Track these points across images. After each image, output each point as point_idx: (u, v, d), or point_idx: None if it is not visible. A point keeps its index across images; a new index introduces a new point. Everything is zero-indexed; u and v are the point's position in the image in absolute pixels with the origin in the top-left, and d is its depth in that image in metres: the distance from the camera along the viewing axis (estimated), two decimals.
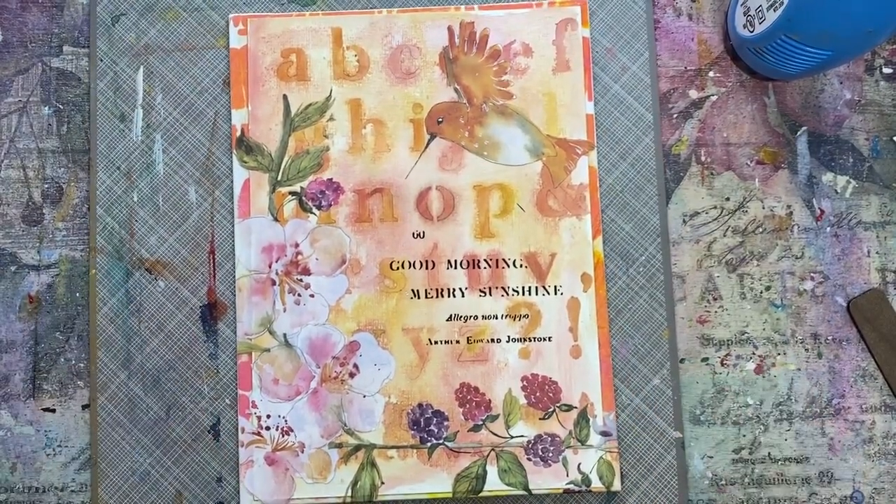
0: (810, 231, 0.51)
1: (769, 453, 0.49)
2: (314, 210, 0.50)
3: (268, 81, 0.51)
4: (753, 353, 0.50)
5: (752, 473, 0.49)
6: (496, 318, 0.49)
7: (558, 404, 0.49)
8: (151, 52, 0.52)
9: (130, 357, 0.50)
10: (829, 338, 0.50)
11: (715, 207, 0.51)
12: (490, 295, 0.49)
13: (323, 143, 0.50)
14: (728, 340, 0.50)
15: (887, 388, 0.50)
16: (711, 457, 0.50)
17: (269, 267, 0.49)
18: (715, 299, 0.51)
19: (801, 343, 0.50)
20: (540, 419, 0.49)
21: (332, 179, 0.50)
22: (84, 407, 0.50)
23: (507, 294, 0.49)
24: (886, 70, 0.52)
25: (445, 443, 0.48)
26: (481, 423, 0.49)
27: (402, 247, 0.50)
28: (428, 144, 0.50)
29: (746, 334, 0.50)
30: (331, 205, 0.50)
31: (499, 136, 0.50)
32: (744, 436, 0.50)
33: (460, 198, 0.50)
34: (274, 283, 0.49)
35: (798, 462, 0.49)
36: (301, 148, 0.50)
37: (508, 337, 0.49)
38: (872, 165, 0.52)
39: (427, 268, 0.50)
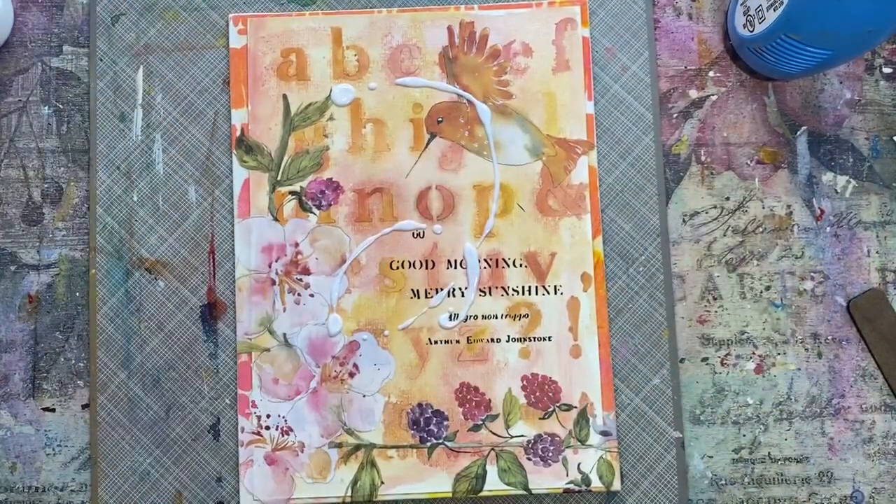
0: (810, 231, 0.51)
1: (769, 453, 0.49)
2: (314, 210, 0.50)
3: (267, 81, 0.51)
4: (753, 353, 0.50)
5: (752, 473, 0.49)
6: (496, 317, 0.49)
7: (558, 404, 0.49)
8: (151, 52, 0.52)
9: (130, 357, 0.50)
10: (829, 338, 0.50)
11: (715, 207, 0.51)
12: (490, 295, 0.49)
13: (323, 143, 0.50)
14: (728, 340, 0.50)
15: (887, 388, 0.50)
16: (711, 456, 0.50)
17: (269, 267, 0.49)
18: (715, 299, 0.51)
19: (801, 343, 0.50)
20: (540, 419, 0.49)
21: (332, 179, 0.50)
22: (84, 406, 0.50)
23: (507, 294, 0.49)
24: (886, 70, 0.52)
25: (445, 442, 0.48)
26: (481, 422, 0.49)
27: (402, 247, 0.50)
28: (428, 144, 0.50)
29: (746, 334, 0.50)
30: (331, 204, 0.50)
31: (499, 135, 0.50)
32: (744, 436, 0.50)
33: (460, 198, 0.50)
34: (274, 282, 0.49)
35: (798, 462, 0.49)
36: (301, 148, 0.50)
37: (508, 337, 0.49)
38: (872, 165, 0.52)
39: (427, 268, 0.50)
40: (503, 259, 0.50)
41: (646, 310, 0.50)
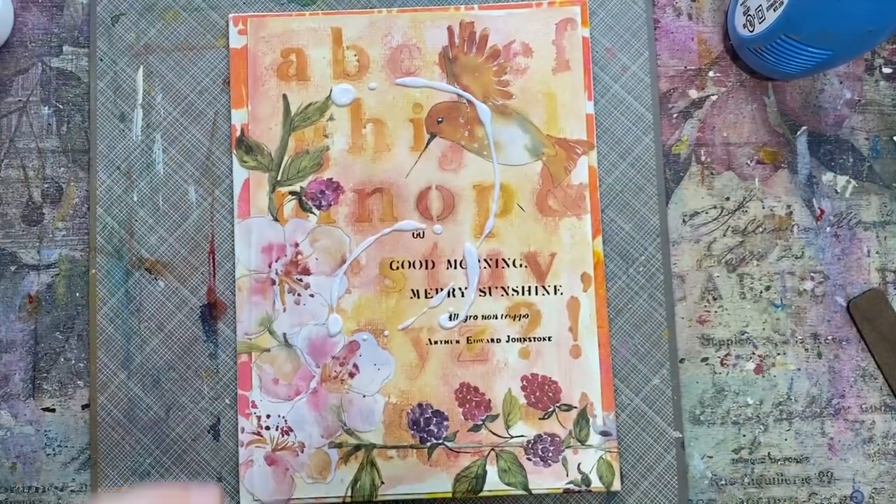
0: (810, 231, 0.51)
1: (769, 453, 0.49)
2: (314, 210, 0.50)
3: (268, 81, 0.51)
4: (753, 353, 0.50)
5: (751, 473, 0.49)
6: (496, 318, 0.49)
7: (558, 404, 0.49)
8: (151, 52, 0.52)
9: (130, 357, 0.50)
10: (829, 338, 0.50)
11: (715, 207, 0.51)
12: (490, 295, 0.49)
13: (323, 143, 0.50)
14: (728, 340, 0.50)
15: (887, 388, 0.50)
16: (711, 457, 0.50)
17: (269, 267, 0.49)
18: (715, 299, 0.51)
19: (801, 343, 0.50)
20: (540, 419, 0.49)
21: (332, 179, 0.50)
22: (84, 407, 0.50)
23: (507, 294, 0.49)
24: (886, 70, 0.52)
25: (445, 443, 0.48)
26: (481, 422, 0.49)
27: (402, 247, 0.50)
28: (428, 144, 0.50)
29: (746, 334, 0.50)
30: (331, 205, 0.50)
31: (499, 135, 0.50)
32: (744, 436, 0.50)
33: (460, 198, 0.50)
34: (274, 282, 0.49)
35: (798, 462, 0.49)
36: (301, 148, 0.50)
37: (508, 337, 0.49)
38: (872, 165, 0.52)
39: (427, 268, 0.50)
40: (503, 259, 0.50)
41: (646, 310, 0.50)
